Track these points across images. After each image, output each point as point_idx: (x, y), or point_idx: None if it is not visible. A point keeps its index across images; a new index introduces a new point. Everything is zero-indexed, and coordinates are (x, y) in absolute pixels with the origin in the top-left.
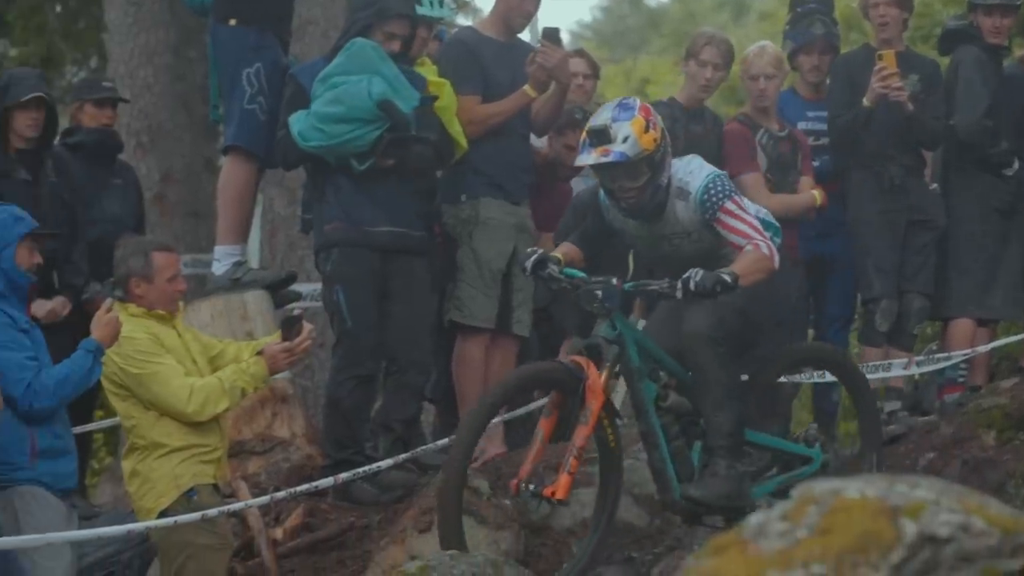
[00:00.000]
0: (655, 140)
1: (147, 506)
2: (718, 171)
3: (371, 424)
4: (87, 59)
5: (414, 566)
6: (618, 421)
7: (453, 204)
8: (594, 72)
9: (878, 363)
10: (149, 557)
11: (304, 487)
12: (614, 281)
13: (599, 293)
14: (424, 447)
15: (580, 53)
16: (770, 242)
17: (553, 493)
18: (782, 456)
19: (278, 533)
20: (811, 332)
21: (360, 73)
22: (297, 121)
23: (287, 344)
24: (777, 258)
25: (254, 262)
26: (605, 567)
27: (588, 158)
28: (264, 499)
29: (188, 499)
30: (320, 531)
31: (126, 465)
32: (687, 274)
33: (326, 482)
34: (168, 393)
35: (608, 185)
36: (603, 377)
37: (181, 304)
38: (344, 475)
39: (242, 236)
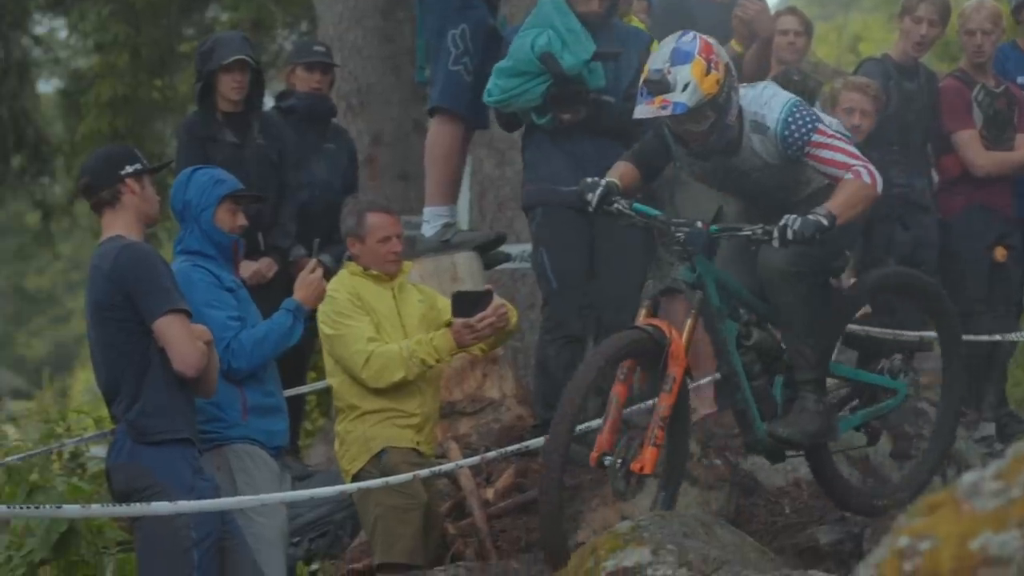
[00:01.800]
0: (718, 81)
1: (345, 468)
2: (793, 98)
3: None
4: (297, 23)
5: (625, 526)
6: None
7: None
8: (806, 30)
9: None
10: None
11: (514, 447)
12: (699, 224)
13: (681, 236)
14: (632, 407)
15: (791, 10)
16: (870, 165)
17: (641, 468)
18: (866, 388)
19: (489, 493)
20: None
21: (538, 27)
22: (490, 79)
23: (468, 320)
24: (880, 183)
25: (463, 223)
26: (818, 527)
27: (646, 111)
28: (475, 459)
29: (379, 459)
30: (530, 491)
31: (335, 427)
32: (783, 220)
33: (536, 442)
34: (348, 356)
35: (673, 129)
36: (685, 337)
37: (407, 265)
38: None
39: (451, 197)
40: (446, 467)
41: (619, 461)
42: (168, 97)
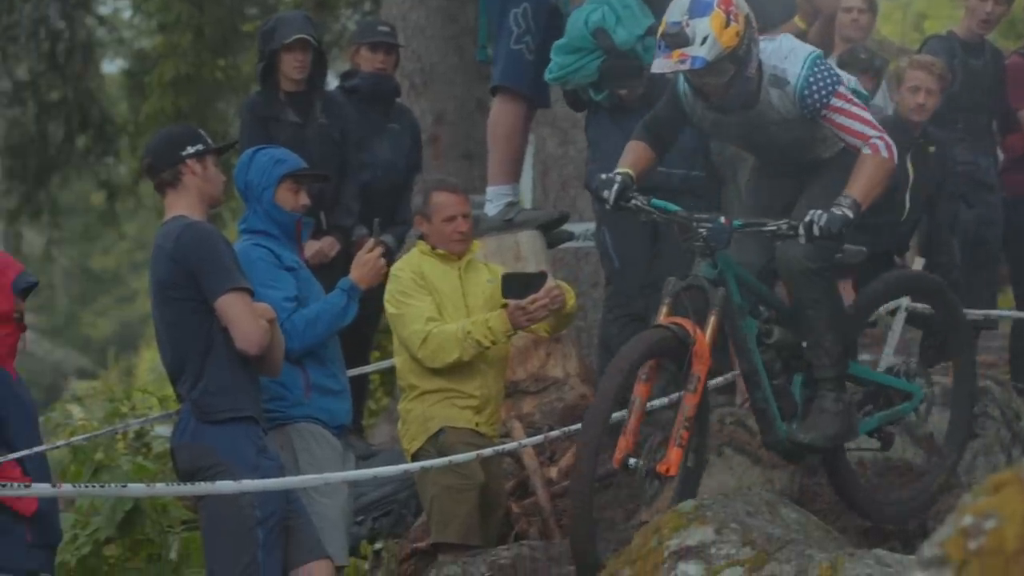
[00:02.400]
0: (738, 34)
1: (405, 447)
2: (814, 53)
3: None
4: (361, 2)
5: (689, 505)
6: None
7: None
8: (870, 7)
9: None
10: None
11: (578, 426)
12: (722, 219)
13: (703, 231)
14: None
15: None
16: (886, 136)
17: (667, 470)
18: (882, 391)
19: (552, 472)
20: None
21: (595, 3)
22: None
23: (521, 302)
24: (896, 154)
25: (527, 202)
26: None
27: (664, 65)
28: (538, 438)
29: (436, 439)
30: (600, 468)
31: (398, 406)
32: (809, 216)
33: None
34: (406, 335)
35: (693, 83)
36: (708, 335)
37: (475, 244)
38: (617, 414)
39: (514, 176)
40: (509, 446)
41: (644, 463)
42: (231, 77)
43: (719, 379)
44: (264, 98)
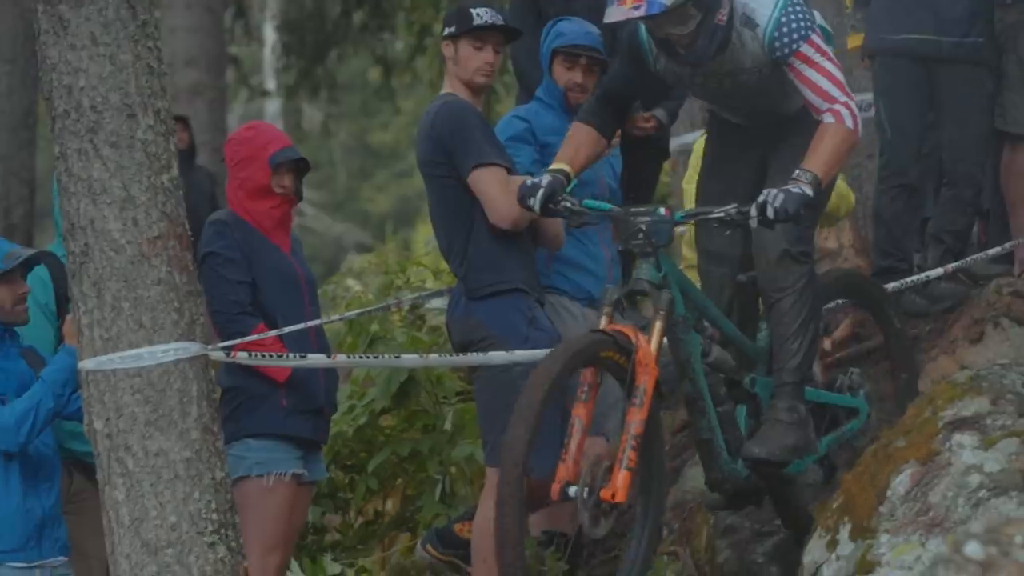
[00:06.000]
0: None
1: None
2: None
3: (923, 236)
4: None
5: (963, 376)
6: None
7: (1000, 6)
8: None
9: None
10: None
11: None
12: (662, 211)
13: (642, 227)
14: (974, 256)
15: None
16: (852, 103)
17: (613, 495)
18: (826, 410)
19: (827, 343)
20: None
21: None
22: None
23: None
24: (860, 124)
25: None
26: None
27: (617, 13)
28: None
29: None
30: (869, 342)
31: None
32: (763, 197)
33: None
34: None
35: (655, 34)
36: (654, 343)
37: None
38: (892, 285)
39: None
40: None
41: (586, 490)
42: None
43: (997, 248)
44: None
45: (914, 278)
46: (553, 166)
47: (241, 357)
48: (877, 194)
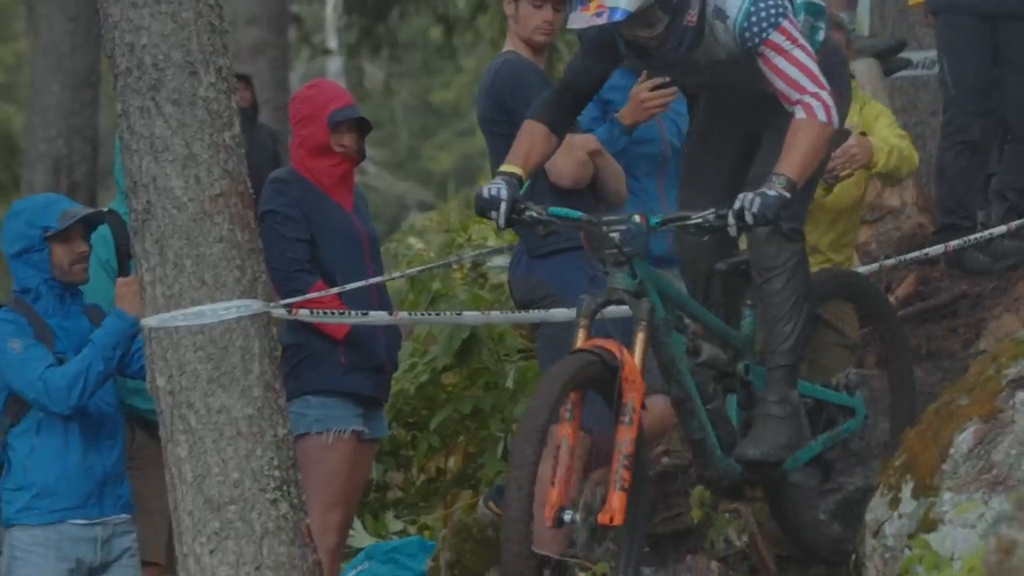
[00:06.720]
0: None
1: None
2: None
3: (986, 193)
4: None
5: None
6: None
7: None
8: None
9: None
10: None
11: (914, 254)
12: (636, 218)
13: (616, 236)
14: None
15: None
16: (823, 93)
17: (611, 519)
18: (823, 409)
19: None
20: None
21: None
22: None
23: None
24: (836, 116)
25: (863, 30)
26: None
27: (579, 19)
28: (874, 267)
29: None
30: (932, 299)
31: None
32: (739, 202)
33: (936, 249)
34: None
35: (625, 37)
36: (637, 357)
37: None
38: (954, 242)
39: (848, 2)
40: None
41: (582, 515)
42: None
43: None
44: None
45: (977, 235)
46: (504, 168)
47: (302, 314)
48: (940, 151)
